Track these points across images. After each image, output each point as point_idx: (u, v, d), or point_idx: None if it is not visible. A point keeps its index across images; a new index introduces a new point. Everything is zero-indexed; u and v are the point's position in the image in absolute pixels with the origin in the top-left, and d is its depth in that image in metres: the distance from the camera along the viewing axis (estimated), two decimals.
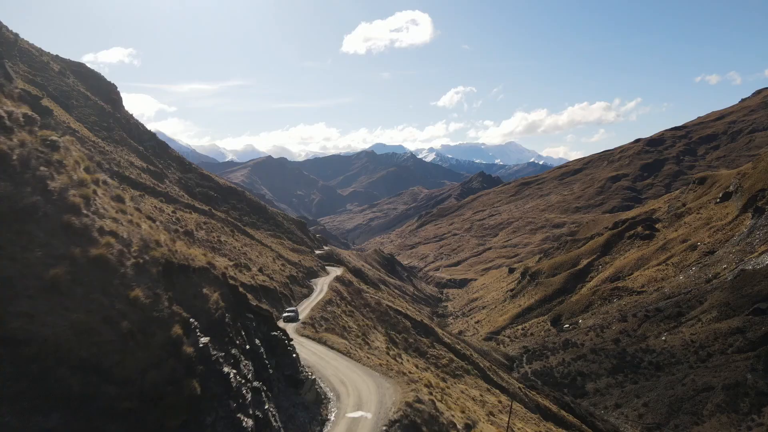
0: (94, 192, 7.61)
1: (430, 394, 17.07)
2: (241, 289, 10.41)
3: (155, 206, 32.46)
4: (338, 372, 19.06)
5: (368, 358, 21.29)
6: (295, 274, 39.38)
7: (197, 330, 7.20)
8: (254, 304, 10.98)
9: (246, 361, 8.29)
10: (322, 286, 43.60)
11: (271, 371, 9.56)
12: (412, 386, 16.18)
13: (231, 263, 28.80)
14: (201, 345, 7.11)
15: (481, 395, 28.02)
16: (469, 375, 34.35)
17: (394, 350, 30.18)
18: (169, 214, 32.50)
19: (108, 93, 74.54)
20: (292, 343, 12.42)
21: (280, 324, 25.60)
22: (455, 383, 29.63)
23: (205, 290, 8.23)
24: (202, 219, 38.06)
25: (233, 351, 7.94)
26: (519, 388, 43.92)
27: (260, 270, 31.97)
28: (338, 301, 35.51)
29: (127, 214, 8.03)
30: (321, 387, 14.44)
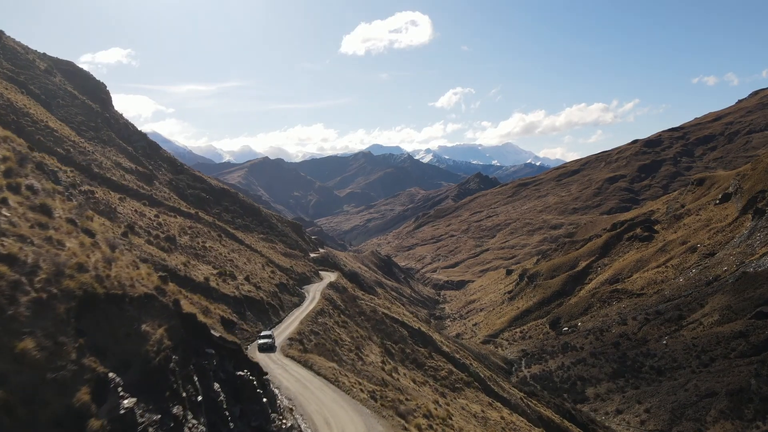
0: (2, 202, 5.95)
1: (430, 427, 15.26)
2: (200, 317, 8.59)
3: (136, 210, 30.57)
4: (323, 407, 16.82)
5: (359, 384, 19.22)
6: (286, 281, 37.35)
7: (119, 388, 5.42)
8: (218, 335, 9.13)
9: (194, 421, 6.49)
10: (314, 293, 41.60)
11: (232, 425, 7.72)
12: (410, 430, 14.37)
13: (215, 271, 26.83)
14: (123, 411, 5.24)
15: (482, 411, 26.39)
16: (469, 388, 32.58)
17: (390, 364, 28.32)
18: (150, 219, 30.59)
19: (97, 92, 72.63)
20: (266, 377, 10.52)
21: (259, 356, 22.39)
22: (455, 398, 27.93)
23: (144, 327, 6.49)
24: (187, 223, 36.07)
25: (176, 409, 6.15)
26: (521, 398, 42.40)
27: (247, 278, 29.92)
28: (331, 311, 33.57)
29: (49, 228, 6.33)
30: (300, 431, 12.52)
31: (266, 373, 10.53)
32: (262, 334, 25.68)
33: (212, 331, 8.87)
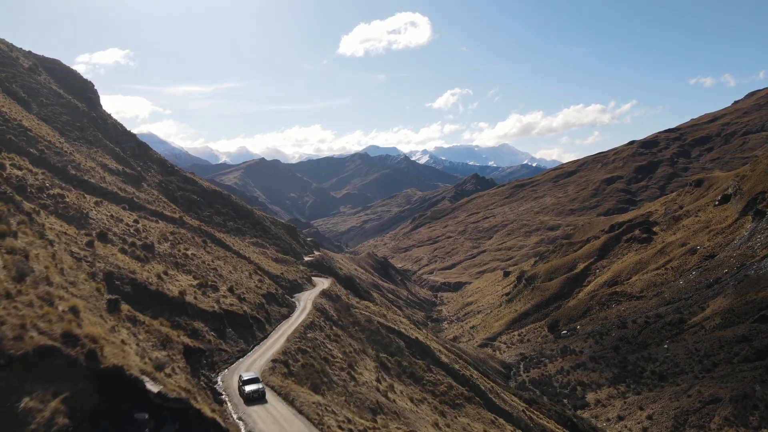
0: None
1: None
2: (131, 371, 6.59)
3: (112, 215, 28.41)
4: None
5: (349, 423, 17.09)
6: (275, 290, 35.10)
7: None
8: (156, 391, 7.09)
9: None
10: (305, 303, 39.49)
11: None
12: None
13: (195, 282, 24.65)
14: None
15: (485, 431, 24.70)
16: (470, 403, 30.69)
17: (385, 381, 26.32)
18: (128, 224, 28.41)
19: (84, 91, 70.57)
20: None
21: (234, 386, 19.36)
22: (456, 416, 26.12)
23: (27, 401, 4.52)
24: (169, 228, 33.90)
25: None
26: (523, 410, 40.68)
27: (230, 289, 27.63)
28: (322, 324, 31.44)
29: None
30: None
31: (227, 430, 8.67)
32: (245, 377, 20.00)
33: (149, 386, 6.90)
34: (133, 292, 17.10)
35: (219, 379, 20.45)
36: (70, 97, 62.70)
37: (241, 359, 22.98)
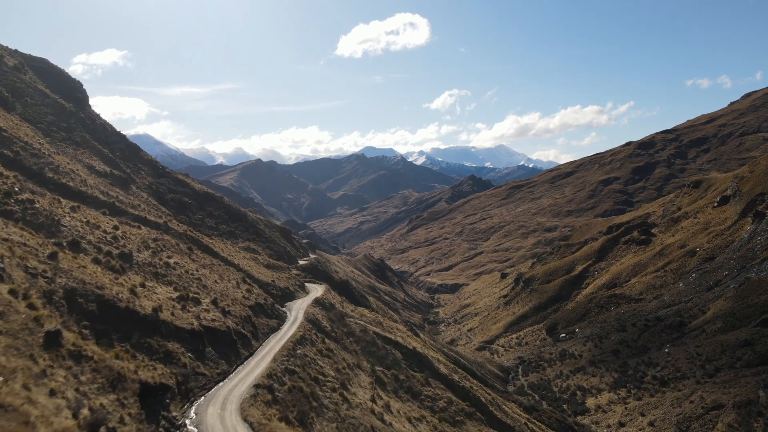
0: None
1: None
2: None
3: (89, 221, 26.48)
4: None
5: None
6: (264, 300, 33.18)
7: None
8: None
9: None
10: (297, 313, 37.18)
11: None
12: None
13: (175, 295, 22.52)
14: None
15: None
16: (471, 420, 29.12)
17: (381, 399, 24.70)
18: (106, 231, 26.49)
19: (72, 91, 68.74)
20: None
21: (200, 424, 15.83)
22: None
23: None
24: (152, 235, 32.05)
25: None
26: (525, 422, 39.31)
27: (214, 302, 25.54)
28: (314, 337, 29.58)
29: None
30: None
31: None
32: None
33: None
34: (98, 311, 15.33)
35: (192, 411, 17.71)
36: (57, 97, 60.97)
37: (221, 383, 20.69)
